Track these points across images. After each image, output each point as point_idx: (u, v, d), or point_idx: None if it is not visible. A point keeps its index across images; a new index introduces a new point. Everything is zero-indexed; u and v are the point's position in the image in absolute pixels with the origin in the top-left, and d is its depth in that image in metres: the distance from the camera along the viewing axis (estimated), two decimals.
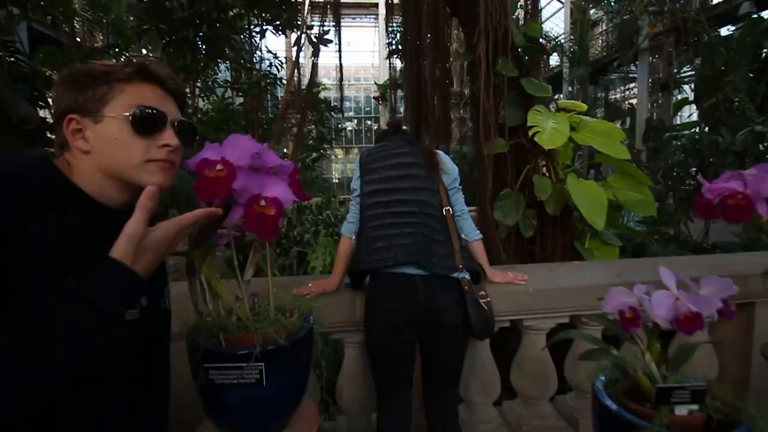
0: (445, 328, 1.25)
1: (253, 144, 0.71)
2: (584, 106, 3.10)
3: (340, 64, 4.90)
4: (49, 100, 5.37)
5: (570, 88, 13.36)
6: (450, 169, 1.36)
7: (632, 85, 13.37)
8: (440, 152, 1.38)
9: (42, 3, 6.17)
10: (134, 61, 0.64)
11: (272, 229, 0.67)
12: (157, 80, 0.66)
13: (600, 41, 13.77)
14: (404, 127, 1.53)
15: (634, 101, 13.47)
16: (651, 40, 10.72)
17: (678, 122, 11.89)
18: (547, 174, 3.02)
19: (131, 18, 6.77)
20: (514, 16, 3.12)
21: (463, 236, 1.35)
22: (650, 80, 11.17)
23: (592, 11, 13.70)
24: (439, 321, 1.24)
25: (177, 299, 0.88)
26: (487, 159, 2.85)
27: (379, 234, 1.26)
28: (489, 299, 1.30)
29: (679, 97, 11.71)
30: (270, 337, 0.78)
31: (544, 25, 10.54)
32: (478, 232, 1.38)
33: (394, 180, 1.31)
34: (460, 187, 1.37)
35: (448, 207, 1.31)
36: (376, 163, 1.34)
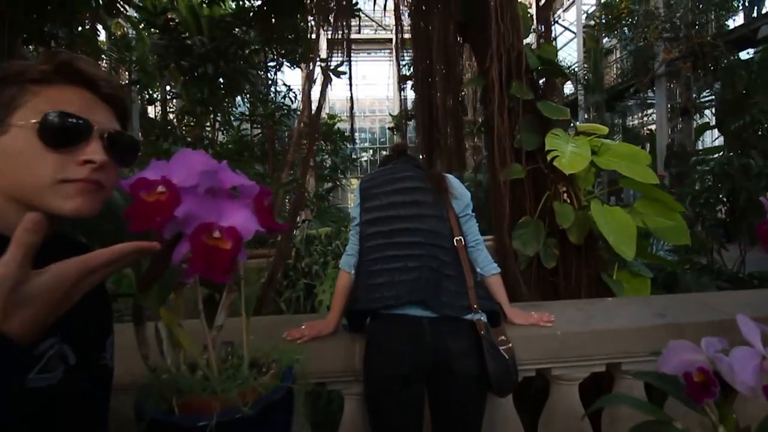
0: (458, 379, 1.06)
1: (207, 160, 0.57)
2: (605, 129, 2.95)
3: (351, 95, 4.92)
4: None
5: (586, 116, 13.23)
6: (461, 194, 1.21)
7: (650, 110, 13.18)
8: (450, 176, 1.24)
9: (67, 42, 6.42)
10: (57, 56, 0.52)
11: (225, 267, 0.52)
12: (85, 81, 0.53)
13: (614, 68, 13.73)
14: (410, 152, 1.41)
15: (652, 127, 13.23)
16: (667, 65, 10.61)
17: (700, 147, 11.58)
18: (568, 200, 2.84)
19: (154, 56, 7.03)
20: (527, 40, 3.03)
21: (478, 270, 1.19)
22: (669, 105, 10.96)
23: (605, 40, 13.75)
24: (449, 369, 1.05)
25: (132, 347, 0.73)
26: (504, 185, 2.69)
27: (380, 268, 1.11)
28: (510, 345, 1.11)
29: (700, 121, 11.45)
30: (232, 402, 0.62)
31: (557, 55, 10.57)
32: (496, 265, 1.21)
33: (397, 206, 1.17)
34: (473, 214, 1.22)
35: (460, 237, 1.15)
36: (377, 189, 1.21)
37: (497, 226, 2.83)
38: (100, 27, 7.71)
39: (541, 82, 2.94)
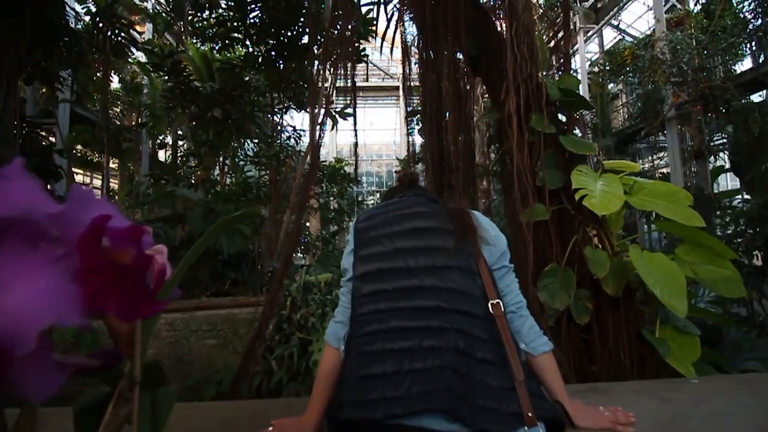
0: None
1: (30, 189, 0.27)
2: (636, 166, 2.65)
3: (356, 138, 4.78)
4: (59, 172, 5.43)
5: (595, 158, 13.07)
6: (494, 237, 0.89)
7: (661, 154, 13.02)
8: (477, 213, 0.92)
9: (79, 87, 6.47)
10: None
11: None
12: None
13: (621, 112, 13.77)
14: (422, 183, 1.10)
15: (665, 170, 13.01)
16: (677, 109, 10.54)
17: (716, 190, 11.27)
18: (600, 245, 2.49)
19: (161, 98, 7.09)
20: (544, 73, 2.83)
21: (521, 347, 0.84)
22: (683, 148, 10.79)
23: (610, 85, 13.88)
24: None
25: None
26: (526, 228, 2.36)
27: (380, 348, 0.77)
28: None
29: (716, 164, 11.24)
30: None
31: None
32: (546, 338, 0.86)
33: (404, 255, 0.85)
34: (512, 265, 0.89)
35: (497, 299, 0.81)
36: (377, 229, 0.90)
37: (520, 276, 2.47)
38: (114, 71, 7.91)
39: (560, 115, 2.69)
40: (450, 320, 0.76)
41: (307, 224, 12.73)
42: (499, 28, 2.85)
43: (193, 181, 7.95)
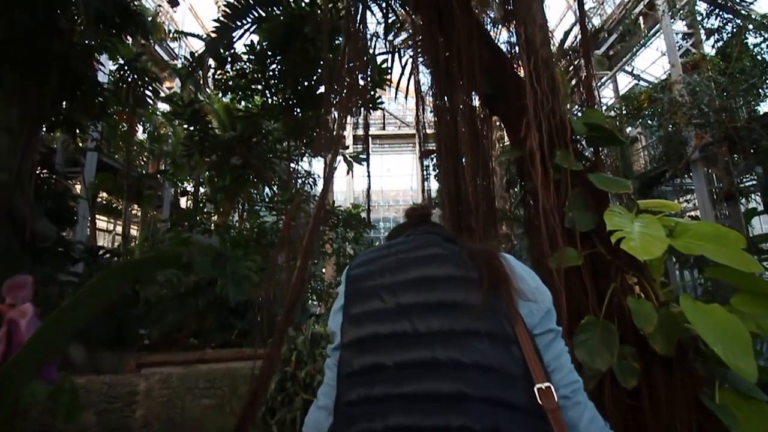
0: None
1: None
2: (676, 206, 2.41)
3: (369, 181, 4.70)
4: (74, 218, 5.48)
5: (618, 203, 12.70)
6: (534, 289, 0.67)
7: (689, 196, 12.58)
8: (508, 256, 0.71)
9: (105, 138, 6.67)
10: None
11: None
12: None
13: (642, 155, 13.53)
14: (435, 220, 0.89)
15: (693, 213, 12.52)
16: (701, 150, 10.28)
17: (750, 233, 10.73)
18: (643, 295, 2.20)
19: (181, 146, 7.28)
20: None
21: None
22: (711, 190, 10.40)
23: (628, 129, 13.77)
24: None
25: None
26: (557, 276, 2.11)
27: None
28: None
29: (749, 206, 10.76)
30: None
31: None
32: None
33: (411, 314, 0.63)
34: (560, 328, 0.66)
35: (546, 382, 0.57)
36: (375, 278, 0.69)
37: None
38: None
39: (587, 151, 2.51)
40: (478, 415, 0.52)
41: (323, 270, 12.52)
42: (515, 66, 2.76)
43: (212, 227, 7.97)
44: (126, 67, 5.03)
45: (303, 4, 5.95)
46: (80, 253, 4.29)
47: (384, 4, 6.27)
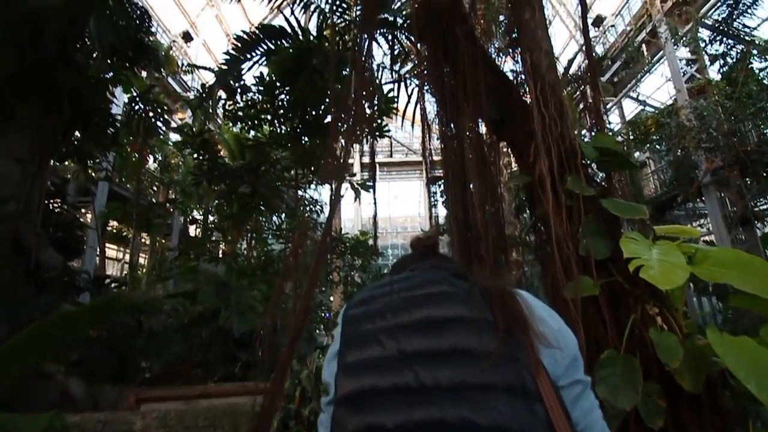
0: None
1: None
2: (695, 232, 2.31)
3: (375, 208, 4.67)
4: (82, 248, 5.49)
5: (630, 228, 12.51)
6: (556, 332, 0.59)
7: (702, 221, 12.35)
8: (525, 294, 0.63)
9: (116, 167, 6.77)
10: None
11: None
12: None
13: (652, 180, 13.40)
14: (443, 251, 0.82)
15: (708, 238, 12.26)
16: (712, 174, 10.16)
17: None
18: (666, 326, 2.08)
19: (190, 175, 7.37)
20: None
21: None
22: (726, 215, 10.21)
23: (636, 154, 13.71)
24: None
25: None
26: (572, 306, 2.00)
27: None
28: None
29: (765, 230, 10.51)
30: None
31: None
32: None
33: (415, 363, 0.55)
34: (590, 379, 0.58)
35: None
36: (375, 320, 0.61)
37: None
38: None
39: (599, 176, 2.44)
40: None
41: (330, 298, 12.35)
42: (521, 92, 2.74)
43: (221, 255, 7.95)
44: (138, 99, 5.17)
45: (311, 38, 6.11)
46: (85, 283, 4.26)
47: (390, 36, 6.43)
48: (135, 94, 5.35)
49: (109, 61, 4.31)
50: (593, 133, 2.45)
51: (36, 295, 3.85)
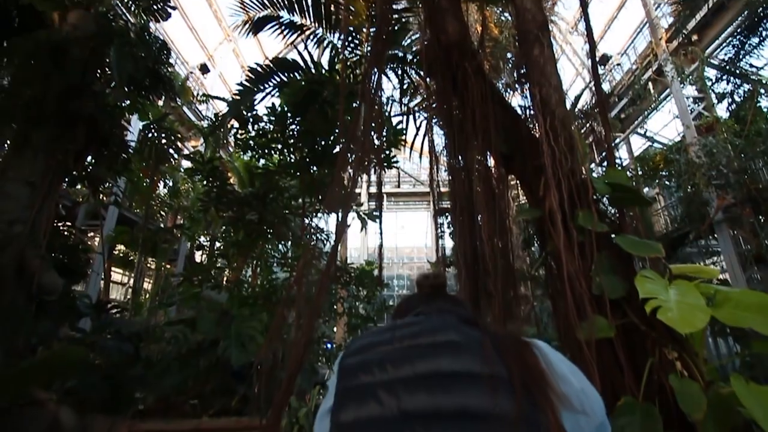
0: None
1: None
2: (714, 272, 2.21)
3: (381, 238, 4.63)
4: (86, 272, 5.48)
5: (641, 264, 12.26)
6: (579, 392, 0.51)
7: (715, 258, 12.09)
8: (542, 345, 0.56)
9: (127, 193, 6.84)
10: None
11: None
12: None
13: (663, 216, 13.25)
14: (451, 292, 0.74)
15: (721, 276, 11.96)
16: (724, 211, 10.01)
17: None
18: (686, 373, 1.96)
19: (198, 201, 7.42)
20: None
21: None
22: (740, 253, 9.98)
23: (645, 189, 13.63)
24: None
25: None
26: (586, 349, 1.90)
27: None
28: None
29: None
30: None
31: None
32: None
33: (415, 425, 0.48)
34: None
35: None
36: (373, 372, 0.54)
37: None
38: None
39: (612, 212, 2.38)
40: None
41: (334, 329, 12.09)
42: (530, 126, 2.74)
43: (225, 282, 7.88)
44: (152, 126, 5.29)
45: (323, 71, 6.28)
46: (85, 308, 4.20)
47: (400, 71, 6.58)
48: (150, 121, 5.49)
49: (126, 89, 4.45)
50: (603, 168, 2.41)
51: (35, 319, 3.79)
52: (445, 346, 0.54)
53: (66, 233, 4.90)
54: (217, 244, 10.66)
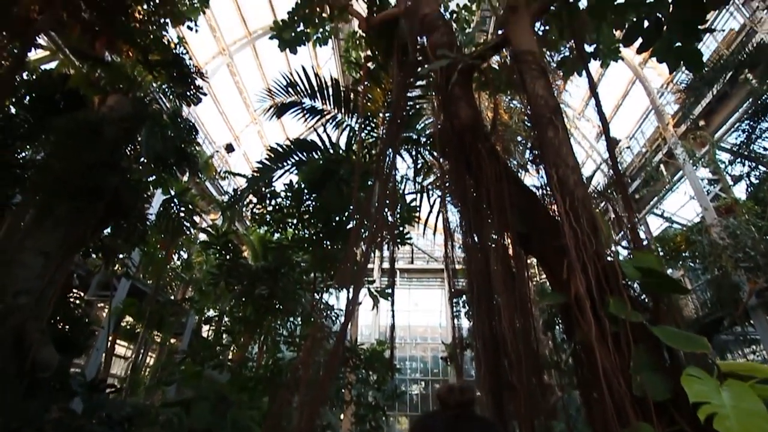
0: None
1: None
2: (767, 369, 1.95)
3: (393, 321, 4.40)
4: (87, 346, 5.27)
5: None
6: None
7: (754, 347, 11.18)
8: None
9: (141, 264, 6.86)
10: None
11: None
12: None
13: (691, 299, 12.57)
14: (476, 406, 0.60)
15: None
16: (758, 296, 9.44)
17: None
18: None
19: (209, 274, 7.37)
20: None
21: None
22: None
23: (669, 271, 13.13)
24: None
25: None
26: None
27: None
28: None
29: None
30: None
31: None
32: None
33: None
34: None
35: None
36: None
37: None
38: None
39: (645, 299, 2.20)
40: None
41: (340, 417, 11.16)
42: (549, 206, 2.67)
43: (227, 361, 7.51)
44: (173, 200, 5.46)
45: (340, 151, 6.54)
46: (78, 386, 3.95)
47: (414, 152, 6.82)
48: (171, 194, 5.69)
49: (152, 165, 4.67)
50: (629, 252, 2.28)
51: (25, 397, 3.56)
52: None
53: (73, 304, 4.83)
54: (225, 319, 10.39)
